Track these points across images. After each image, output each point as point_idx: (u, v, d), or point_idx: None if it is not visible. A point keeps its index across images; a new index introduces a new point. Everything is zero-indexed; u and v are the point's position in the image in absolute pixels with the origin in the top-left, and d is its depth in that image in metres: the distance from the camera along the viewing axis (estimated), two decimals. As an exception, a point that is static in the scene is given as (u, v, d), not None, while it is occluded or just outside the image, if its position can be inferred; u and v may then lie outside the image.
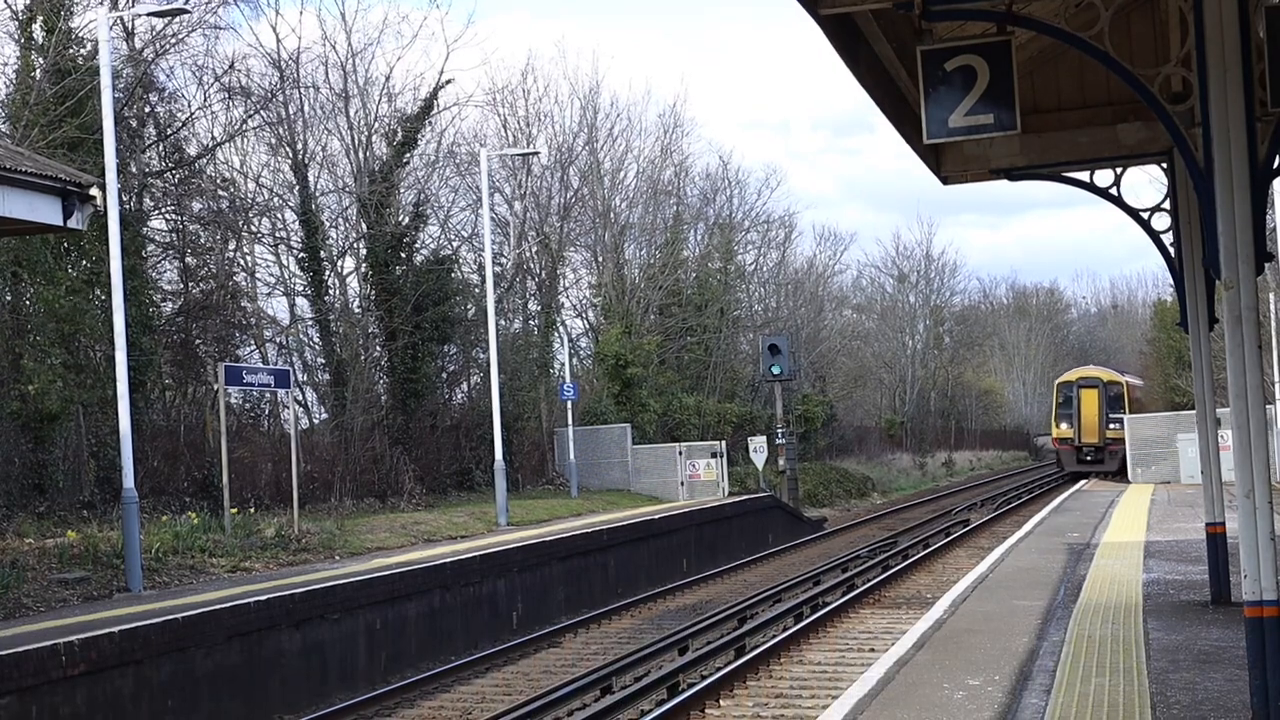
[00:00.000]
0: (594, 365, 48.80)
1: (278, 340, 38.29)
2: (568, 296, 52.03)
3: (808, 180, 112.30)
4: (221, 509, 24.17)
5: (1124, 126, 14.08)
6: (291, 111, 36.72)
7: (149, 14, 24.51)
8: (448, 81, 39.61)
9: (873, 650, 18.13)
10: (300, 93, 36.94)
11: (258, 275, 39.04)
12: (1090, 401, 52.57)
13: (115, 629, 14.99)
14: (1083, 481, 46.90)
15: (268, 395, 33.18)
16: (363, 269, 37.71)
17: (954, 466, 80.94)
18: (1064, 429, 53.78)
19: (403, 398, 36.33)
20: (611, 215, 51.56)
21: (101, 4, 26.46)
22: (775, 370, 42.72)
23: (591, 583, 27.05)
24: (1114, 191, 14.46)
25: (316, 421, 37.94)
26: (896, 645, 12.33)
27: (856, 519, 46.63)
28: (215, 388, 26.67)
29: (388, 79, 39.83)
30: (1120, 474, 46.96)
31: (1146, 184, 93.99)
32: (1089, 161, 14.69)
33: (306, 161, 37.05)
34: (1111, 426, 51.61)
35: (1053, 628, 12.98)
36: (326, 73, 38.05)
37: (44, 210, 14.96)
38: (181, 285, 33.71)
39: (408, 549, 25.01)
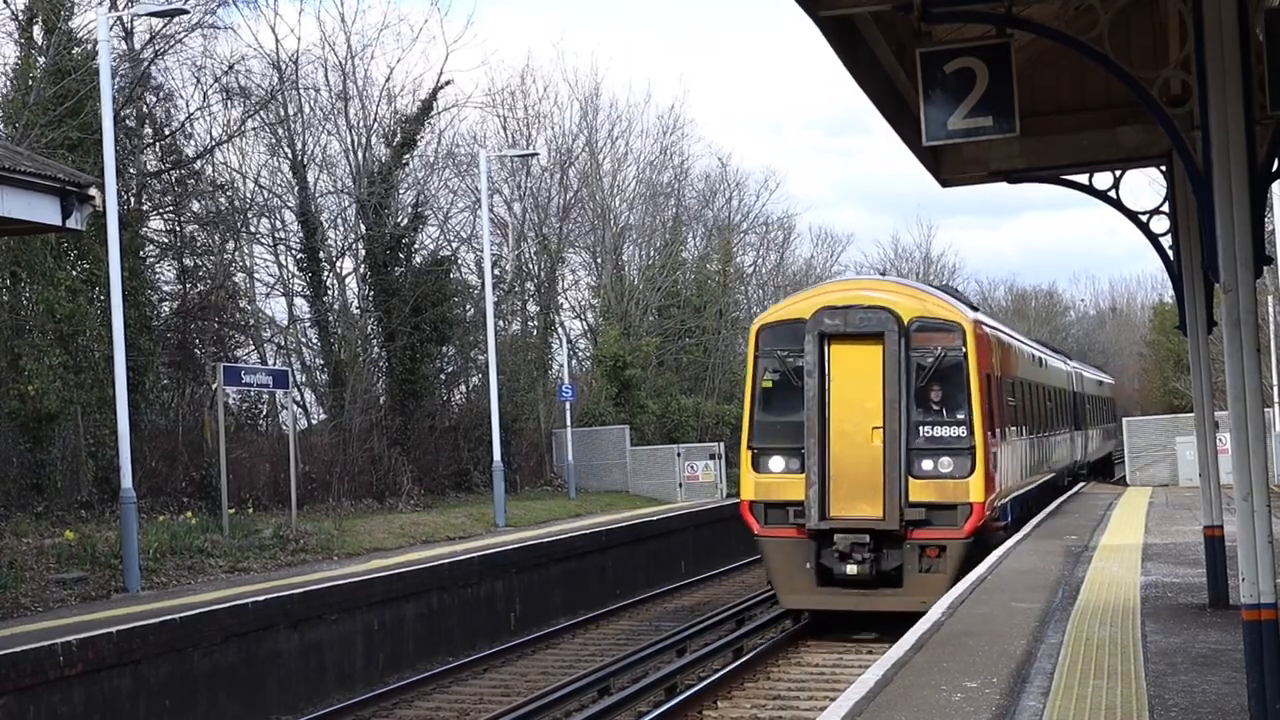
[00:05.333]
0: (593, 366, 48.77)
1: (276, 341, 38.31)
2: (566, 298, 52.08)
3: (805, 181, 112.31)
4: (219, 509, 24.17)
5: (1123, 129, 14.07)
6: (291, 112, 36.76)
7: (148, 14, 24.55)
8: (447, 83, 39.69)
9: (870, 652, 18.12)
10: (299, 94, 36.98)
11: (256, 276, 39.13)
12: (863, 382, 20.11)
13: (113, 629, 15.00)
14: (1081, 484, 36.88)
15: (266, 396, 33.18)
16: (361, 270, 37.73)
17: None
18: (776, 474, 20.35)
19: (401, 399, 36.33)
20: (610, 217, 51.53)
21: (101, 4, 26.47)
22: (774, 372, 42.41)
23: (589, 584, 27.04)
24: (1113, 194, 14.45)
25: (315, 422, 37.94)
26: (894, 647, 12.31)
27: (855, 521, 46.47)
28: (214, 388, 26.68)
29: (387, 80, 39.89)
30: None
31: (1146, 186, 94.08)
32: (1088, 164, 14.69)
33: (306, 162, 37.09)
34: (931, 468, 19.73)
35: (1051, 630, 12.98)
36: (326, 74, 38.13)
37: (43, 210, 14.94)
38: (180, 286, 33.74)
39: (406, 550, 25.00)
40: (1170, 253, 14.29)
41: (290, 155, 36.87)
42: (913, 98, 11.34)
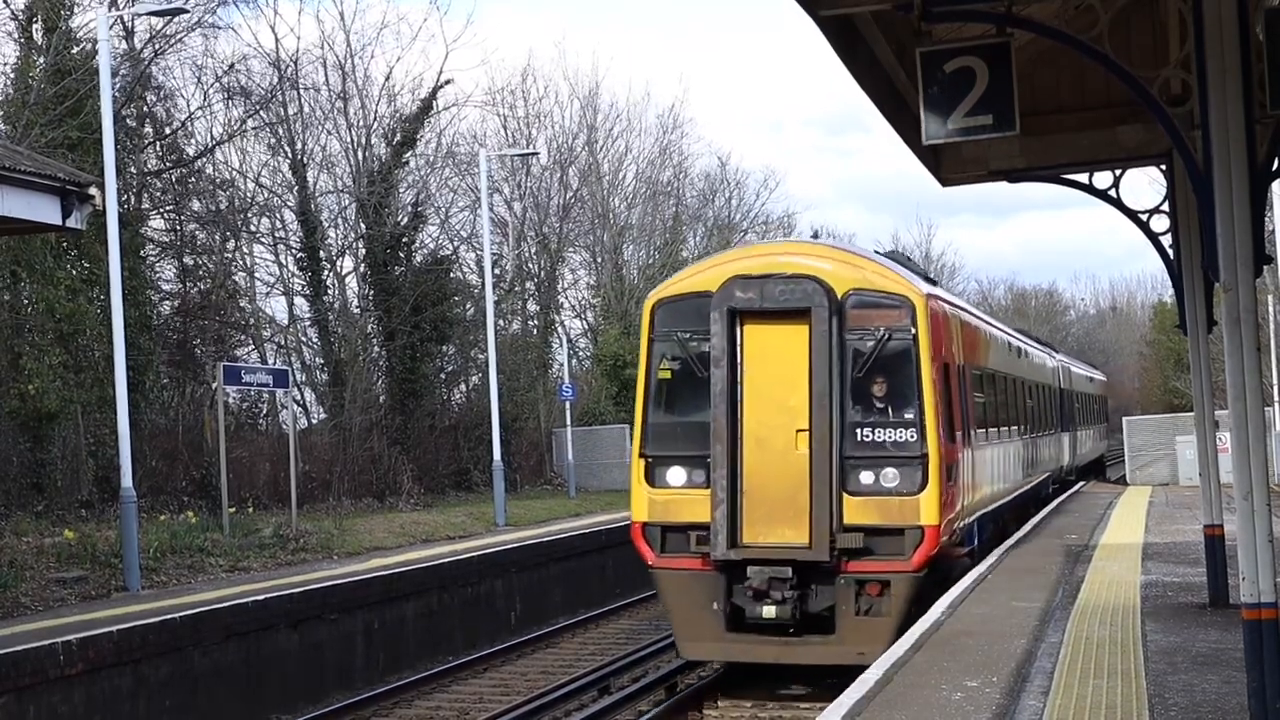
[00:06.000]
0: (592, 366, 48.79)
1: (276, 340, 38.33)
2: (566, 297, 52.11)
3: (804, 181, 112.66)
4: (220, 508, 24.17)
5: (1123, 129, 14.08)
6: (291, 112, 36.77)
7: (148, 14, 24.57)
8: (447, 82, 39.72)
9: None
10: (299, 93, 37.00)
11: (256, 275, 39.18)
12: (785, 372, 15.90)
13: (113, 628, 14.99)
14: (1082, 482, 37.78)
15: (266, 395, 33.19)
16: (361, 269, 37.75)
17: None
18: (676, 488, 16.11)
19: (401, 398, 36.34)
20: (610, 216, 51.55)
21: (101, 4, 26.46)
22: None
23: (589, 583, 27.03)
24: (1113, 193, 14.47)
25: (315, 421, 37.97)
26: (894, 647, 12.32)
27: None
28: (214, 387, 26.70)
29: (387, 79, 39.90)
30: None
31: (1146, 185, 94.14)
32: (1088, 163, 14.70)
33: (305, 161, 37.12)
34: (871, 482, 15.55)
35: (1051, 629, 12.98)
36: (325, 73, 38.16)
37: (43, 209, 14.94)
38: (180, 285, 33.76)
39: (405, 549, 24.99)
40: (1170, 252, 14.30)
41: (290, 154, 36.89)
42: (912, 97, 11.34)
